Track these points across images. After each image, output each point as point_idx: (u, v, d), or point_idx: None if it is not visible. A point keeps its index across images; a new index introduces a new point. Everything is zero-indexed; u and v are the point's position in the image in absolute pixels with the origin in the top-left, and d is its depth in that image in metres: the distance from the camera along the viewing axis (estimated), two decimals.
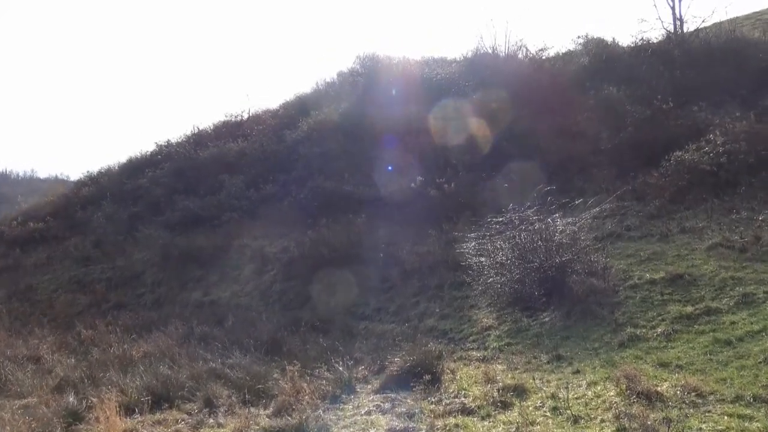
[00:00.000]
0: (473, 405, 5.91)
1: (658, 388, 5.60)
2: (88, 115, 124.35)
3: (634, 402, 5.42)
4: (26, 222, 23.02)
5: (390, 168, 16.83)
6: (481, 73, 21.32)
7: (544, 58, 22.25)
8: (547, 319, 8.75)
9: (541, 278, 9.17)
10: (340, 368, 7.19)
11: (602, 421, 5.23)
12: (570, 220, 9.60)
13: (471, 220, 12.21)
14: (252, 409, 6.69)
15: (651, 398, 5.41)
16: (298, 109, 24.59)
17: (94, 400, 6.19)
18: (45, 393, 8.15)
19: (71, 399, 7.20)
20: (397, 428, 5.59)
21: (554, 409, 5.61)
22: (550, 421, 5.38)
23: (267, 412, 6.53)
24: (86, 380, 8.35)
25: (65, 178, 45.12)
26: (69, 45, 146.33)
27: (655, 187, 12.45)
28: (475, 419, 5.64)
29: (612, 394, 5.74)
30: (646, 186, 12.77)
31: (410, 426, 5.60)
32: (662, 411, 5.18)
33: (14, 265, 20.23)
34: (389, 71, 24.62)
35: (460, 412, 5.81)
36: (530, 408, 5.70)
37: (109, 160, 45.97)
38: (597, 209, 10.07)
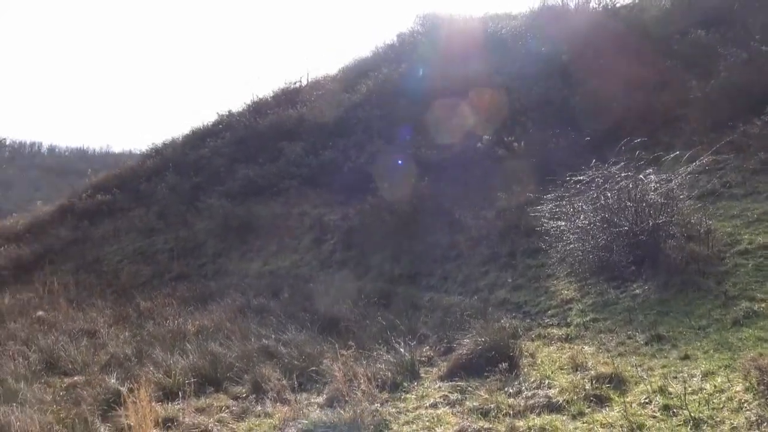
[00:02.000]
0: (561, 399, 4.89)
1: None
2: (159, 90, 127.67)
3: None
4: (95, 195, 23.26)
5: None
6: (549, 26, 19.81)
7: (618, 5, 20.51)
8: (638, 290, 7.59)
9: (630, 244, 8.00)
10: (402, 349, 6.33)
11: (733, 428, 4.11)
12: (664, 176, 8.32)
13: (547, 180, 11.03)
14: (303, 396, 5.97)
15: None
16: (358, 72, 23.87)
17: (124, 388, 5.62)
18: (93, 371, 7.75)
19: (113, 381, 6.69)
20: (470, 429, 4.68)
21: (665, 408, 4.51)
22: (662, 424, 4.31)
23: (319, 400, 5.78)
24: (134, 358, 7.88)
25: (138, 152, 46.09)
26: (138, 25, 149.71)
27: (759, 138, 10.86)
28: (565, 419, 4.64)
29: (739, 389, 4.58)
30: (746, 137, 11.18)
31: (485, 426, 4.66)
32: None
33: (83, 238, 20.40)
34: (451, 29, 23.47)
35: (545, 409, 4.81)
36: (634, 405, 4.63)
37: (175, 132, 46.71)
38: (696, 163, 8.70)
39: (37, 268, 18.12)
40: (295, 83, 26.35)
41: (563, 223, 8.84)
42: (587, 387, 5.00)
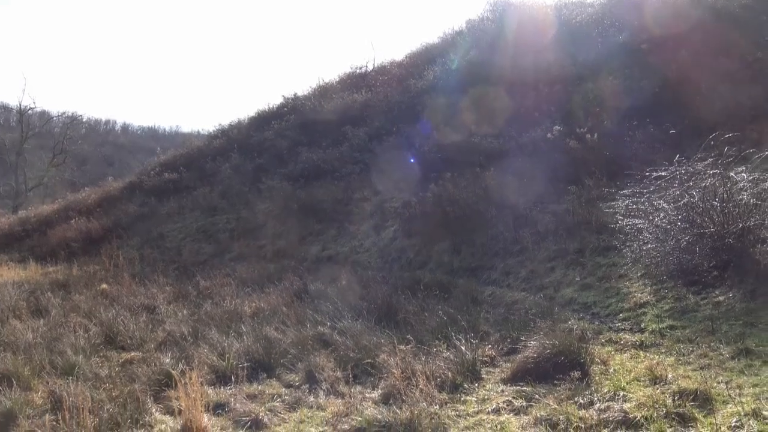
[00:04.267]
0: (638, 415, 4.41)
1: None
2: (229, 72, 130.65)
3: None
4: (162, 173, 23.86)
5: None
6: (628, 14, 18.84)
7: None
8: (721, 297, 7.00)
9: (714, 247, 7.38)
10: (463, 347, 5.98)
11: None
12: (757, 175, 7.63)
13: (622, 175, 10.43)
14: (357, 389, 5.73)
15: None
16: (425, 59, 23.56)
17: (176, 371, 5.51)
18: (149, 348, 7.76)
19: (167, 360, 6.64)
20: None
21: None
22: None
23: (373, 395, 5.51)
24: (190, 337, 7.84)
25: (205, 133, 47.28)
26: (209, 11, 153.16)
27: None
28: None
29: None
30: None
31: None
32: None
33: (149, 214, 20.94)
34: (522, 16, 22.72)
35: (620, 425, 4.35)
36: (723, 429, 4.14)
37: (242, 114, 47.75)
38: None
39: (105, 241, 18.68)
40: (361, 68, 26.30)
41: (640, 221, 8.27)
42: (668, 403, 4.51)
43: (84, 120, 60.82)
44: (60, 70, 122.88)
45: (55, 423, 5.12)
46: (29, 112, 43.86)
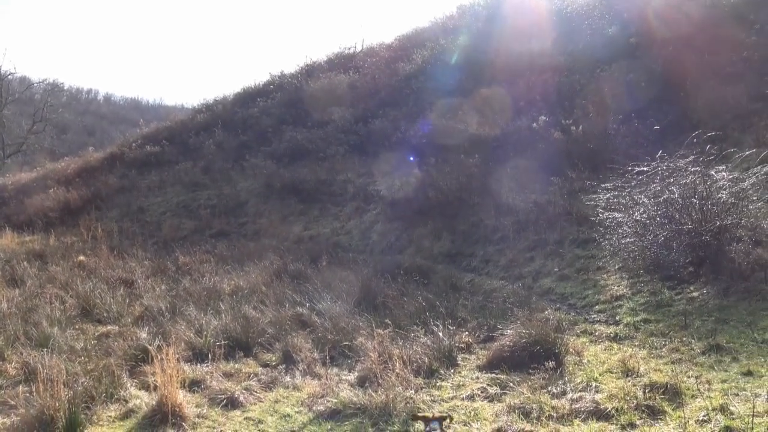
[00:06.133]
0: (609, 406, 4.50)
1: None
2: (215, 47, 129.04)
3: None
4: (144, 145, 23.54)
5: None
6: (619, 6, 18.87)
7: None
8: (696, 294, 7.12)
9: (691, 243, 7.49)
10: (440, 333, 6.04)
11: None
12: (736, 175, 7.74)
13: (604, 168, 10.51)
14: (334, 370, 5.76)
15: None
16: (415, 42, 23.44)
17: (153, 346, 5.49)
18: (126, 322, 7.72)
19: (144, 335, 6.62)
20: (509, 430, 4.36)
21: (727, 429, 4.08)
22: None
23: (350, 378, 5.56)
24: (167, 313, 7.81)
25: (189, 107, 46.46)
26: None
27: None
28: (614, 429, 4.30)
29: None
30: None
31: (526, 429, 4.32)
32: None
33: (130, 186, 20.67)
34: (513, 3, 22.69)
35: (591, 415, 4.45)
36: (691, 422, 4.23)
37: (227, 89, 47.20)
38: None
39: (83, 212, 18.42)
40: (349, 49, 26.11)
41: (620, 215, 8.35)
42: (639, 395, 4.61)
43: (65, 88, 59.43)
44: (42, 36, 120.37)
45: (28, 394, 5.08)
46: (9, 77, 42.86)
